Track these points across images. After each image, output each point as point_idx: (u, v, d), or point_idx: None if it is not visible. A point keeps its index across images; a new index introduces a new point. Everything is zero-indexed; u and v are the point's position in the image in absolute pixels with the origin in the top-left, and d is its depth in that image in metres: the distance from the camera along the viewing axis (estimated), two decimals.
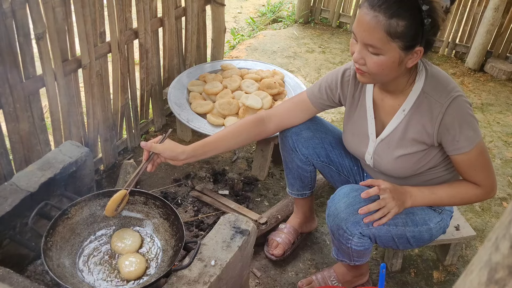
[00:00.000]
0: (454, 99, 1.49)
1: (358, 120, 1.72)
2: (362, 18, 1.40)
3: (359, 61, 1.47)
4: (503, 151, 3.01)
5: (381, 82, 1.58)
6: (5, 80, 1.77)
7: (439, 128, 1.51)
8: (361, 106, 1.70)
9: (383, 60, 1.43)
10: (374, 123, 1.67)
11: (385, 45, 1.40)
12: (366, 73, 1.49)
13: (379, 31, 1.38)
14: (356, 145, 1.75)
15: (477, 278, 0.46)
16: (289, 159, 1.97)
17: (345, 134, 1.80)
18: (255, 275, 2.05)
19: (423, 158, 1.60)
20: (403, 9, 1.36)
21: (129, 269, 1.50)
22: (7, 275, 1.36)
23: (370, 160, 1.71)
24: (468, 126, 1.50)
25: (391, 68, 1.45)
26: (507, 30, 3.86)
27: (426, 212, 1.70)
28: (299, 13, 4.50)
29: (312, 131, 1.89)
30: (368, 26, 1.39)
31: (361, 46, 1.45)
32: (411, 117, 1.57)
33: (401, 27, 1.37)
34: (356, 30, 1.44)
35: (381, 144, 1.65)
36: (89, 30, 2.07)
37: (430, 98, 1.52)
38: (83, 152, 1.78)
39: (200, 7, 2.83)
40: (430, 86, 1.53)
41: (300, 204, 2.14)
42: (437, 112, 1.50)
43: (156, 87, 2.70)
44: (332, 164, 1.94)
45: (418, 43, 1.42)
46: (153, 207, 1.68)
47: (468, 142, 1.50)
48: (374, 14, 1.37)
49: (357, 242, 1.63)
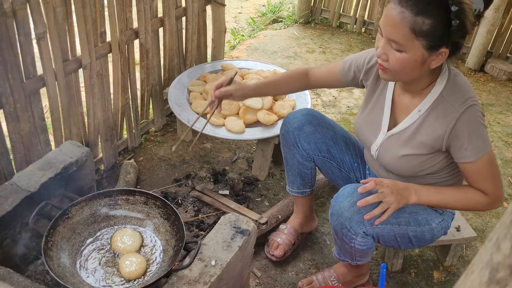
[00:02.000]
0: (469, 107, 1.47)
1: (374, 109, 1.71)
2: (389, 13, 1.39)
3: (382, 57, 1.46)
4: (503, 151, 3.01)
5: (402, 80, 1.56)
6: (6, 80, 1.77)
7: (450, 133, 1.49)
8: (380, 96, 1.69)
9: (406, 57, 1.41)
10: (389, 116, 1.66)
11: (408, 42, 1.37)
12: (388, 70, 1.47)
13: (404, 27, 1.36)
14: (366, 133, 1.74)
15: (478, 278, 0.46)
16: (290, 155, 1.97)
17: (358, 120, 1.79)
18: (256, 275, 2.05)
19: (426, 161, 1.59)
20: (431, 7, 1.33)
21: (130, 269, 1.50)
22: (8, 275, 1.36)
23: (375, 151, 1.70)
24: (477, 136, 1.48)
25: (413, 67, 1.43)
26: (508, 30, 3.86)
27: (429, 212, 1.70)
28: (299, 13, 4.50)
29: (314, 126, 1.90)
30: (393, 21, 1.37)
31: (385, 41, 1.43)
32: (425, 119, 1.55)
33: (426, 26, 1.34)
34: (382, 25, 1.43)
35: (390, 138, 1.65)
36: (89, 30, 2.07)
37: (446, 102, 1.50)
38: (83, 152, 1.78)
39: (200, 7, 2.83)
40: (449, 91, 1.50)
41: (300, 203, 2.13)
42: (451, 118, 1.48)
43: (157, 87, 2.70)
44: (333, 160, 1.95)
45: (443, 44, 1.39)
46: (154, 207, 1.68)
47: (476, 152, 1.49)
48: (401, 9, 1.35)
49: (361, 241, 1.63)
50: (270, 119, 2.41)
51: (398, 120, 1.64)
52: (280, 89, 2.02)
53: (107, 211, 1.68)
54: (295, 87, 1.98)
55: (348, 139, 1.96)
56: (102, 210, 1.67)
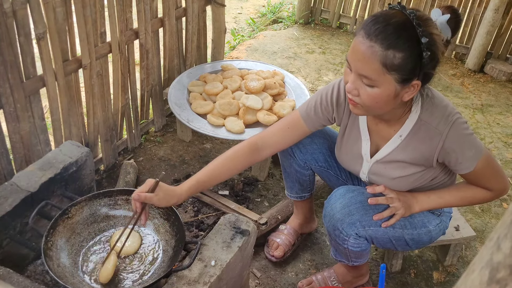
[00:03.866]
0: (452, 124, 1.44)
1: (352, 140, 1.67)
2: (357, 47, 1.32)
3: (353, 92, 1.39)
4: (503, 152, 3.01)
5: (374, 114, 1.51)
6: (6, 80, 1.77)
7: (439, 153, 1.49)
8: (353, 127, 1.65)
9: (378, 92, 1.35)
10: (369, 144, 1.63)
11: (380, 77, 1.32)
12: (359, 105, 1.41)
13: (375, 62, 1.30)
14: (350, 164, 1.72)
15: (479, 277, 0.46)
16: (287, 164, 1.96)
17: (339, 152, 1.75)
18: (255, 275, 2.05)
19: (420, 177, 1.59)
20: (401, 40, 1.28)
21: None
22: (8, 275, 1.36)
23: (366, 179, 1.70)
24: (468, 147, 1.47)
25: (386, 102, 1.38)
26: (507, 31, 3.86)
27: (425, 215, 1.70)
28: (299, 14, 4.50)
29: (310, 137, 1.85)
30: (363, 56, 1.31)
31: (355, 76, 1.37)
32: (408, 142, 1.53)
33: (398, 59, 1.29)
34: (350, 59, 1.36)
35: (376, 164, 1.62)
36: (89, 30, 2.07)
37: (428, 125, 1.47)
38: (83, 152, 1.78)
39: (200, 8, 2.83)
40: (427, 113, 1.47)
41: (299, 206, 2.14)
42: (437, 140, 1.46)
43: (157, 87, 2.70)
44: (330, 169, 1.93)
45: (415, 77, 1.34)
46: (153, 207, 1.68)
47: (471, 162, 1.49)
48: (370, 44, 1.29)
49: (353, 243, 1.63)
50: (270, 119, 2.41)
51: (379, 146, 1.61)
52: (220, 178, 1.64)
53: (107, 211, 1.68)
54: (240, 167, 1.67)
55: None
56: (102, 210, 1.67)
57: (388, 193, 1.57)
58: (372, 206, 1.59)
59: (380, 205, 1.60)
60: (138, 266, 1.55)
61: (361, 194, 1.62)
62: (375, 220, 1.58)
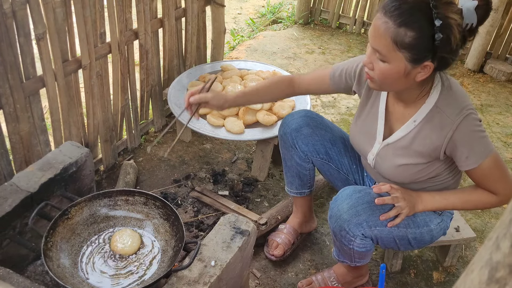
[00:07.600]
0: (465, 117, 1.45)
1: (368, 118, 1.70)
2: (375, 22, 1.39)
3: (368, 65, 1.46)
4: (502, 152, 3.01)
5: (387, 90, 1.56)
6: (6, 80, 1.77)
7: (448, 144, 1.49)
8: (373, 106, 1.68)
9: (388, 68, 1.40)
10: (383, 125, 1.65)
11: (391, 53, 1.37)
12: (374, 79, 1.48)
13: (387, 38, 1.36)
14: (361, 142, 1.74)
15: (478, 277, 0.46)
16: (288, 156, 1.97)
17: (353, 129, 1.78)
18: (255, 275, 2.05)
19: (424, 169, 1.59)
20: (414, 19, 1.32)
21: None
22: (7, 275, 1.36)
23: (372, 161, 1.70)
24: (478, 143, 1.48)
25: (395, 78, 1.42)
26: (507, 31, 3.86)
27: (427, 214, 1.70)
28: (298, 14, 4.50)
29: (312, 128, 1.90)
30: (377, 31, 1.38)
31: (371, 50, 1.44)
32: (421, 129, 1.54)
33: (409, 38, 1.33)
34: (369, 34, 1.44)
35: (386, 147, 1.64)
36: (89, 30, 2.07)
37: (442, 113, 1.48)
38: (83, 152, 1.78)
39: (200, 8, 2.84)
40: (444, 102, 1.49)
41: (299, 204, 2.14)
42: (448, 129, 1.47)
43: (156, 87, 2.70)
44: (331, 162, 1.94)
45: (427, 58, 1.36)
46: (153, 208, 1.68)
47: (478, 158, 1.48)
48: (385, 19, 1.35)
49: (360, 243, 1.64)
50: (270, 119, 2.42)
51: (393, 129, 1.63)
52: (262, 98, 1.95)
53: (106, 212, 1.68)
54: (278, 95, 1.92)
55: (346, 141, 1.96)
56: (101, 210, 1.67)
57: (393, 193, 1.58)
58: (378, 206, 1.59)
59: (386, 205, 1.60)
60: (138, 266, 1.55)
61: (367, 194, 1.62)
62: (382, 220, 1.59)
